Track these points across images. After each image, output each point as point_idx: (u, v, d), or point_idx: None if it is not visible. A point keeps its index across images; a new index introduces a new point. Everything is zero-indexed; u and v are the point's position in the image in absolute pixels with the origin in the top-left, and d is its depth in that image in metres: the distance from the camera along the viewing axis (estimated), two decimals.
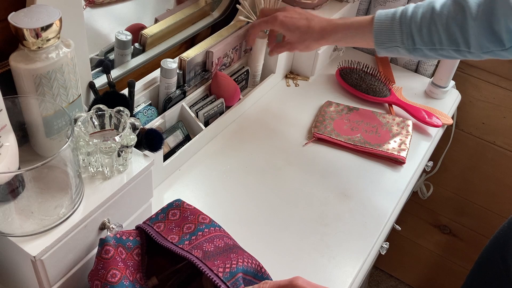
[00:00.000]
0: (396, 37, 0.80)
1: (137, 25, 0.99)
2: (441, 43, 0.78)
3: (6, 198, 0.54)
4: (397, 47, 0.81)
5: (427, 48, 0.79)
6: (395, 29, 0.80)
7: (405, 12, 0.79)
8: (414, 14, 0.78)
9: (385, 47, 0.82)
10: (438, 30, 0.77)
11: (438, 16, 0.76)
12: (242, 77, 1.06)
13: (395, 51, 0.82)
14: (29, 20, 0.54)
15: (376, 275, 1.84)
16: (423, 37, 0.78)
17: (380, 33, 0.81)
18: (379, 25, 0.81)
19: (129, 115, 0.63)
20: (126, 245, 0.59)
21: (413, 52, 0.81)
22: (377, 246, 0.83)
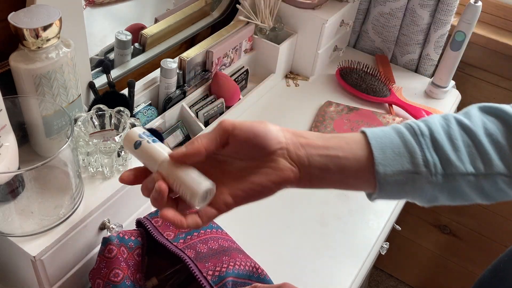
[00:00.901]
0: (414, 158, 0.48)
1: (137, 25, 0.99)
2: (485, 164, 0.49)
3: (6, 198, 0.54)
4: (415, 174, 0.48)
5: (464, 174, 0.49)
6: (410, 147, 0.48)
7: (416, 127, 0.50)
8: (431, 126, 0.50)
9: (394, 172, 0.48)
10: (478, 148, 0.49)
11: (472, 130, 0.49)
12: (242, 77, 1.06)
13: (408, 184, 0.49)
14: (29, 20, 0.54)
15: (376, 275, 1.84)
16: (459, 156, 0.48)
17: (383, 149, 0.49)
18: (378, 140, 0.49)
19: (129, 115, 0.63)
20: (128, 245, 0.60)
21: (440, 183, 0.49)
22: (377, 246, 0.83)
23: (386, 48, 1.26)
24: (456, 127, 0.50)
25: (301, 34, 1.12)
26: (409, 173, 0.48)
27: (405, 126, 0.51)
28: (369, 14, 1.25)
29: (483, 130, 0.49)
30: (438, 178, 0.48)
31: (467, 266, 1.63)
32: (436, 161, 0.48)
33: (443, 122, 0.50)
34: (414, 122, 0.50)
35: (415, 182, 0.48)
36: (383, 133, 0.50)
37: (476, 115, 0.51)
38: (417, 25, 1.18)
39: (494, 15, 1.24)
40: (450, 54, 1.12)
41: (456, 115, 0.51)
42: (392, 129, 0.50)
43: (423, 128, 0.49)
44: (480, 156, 0.49)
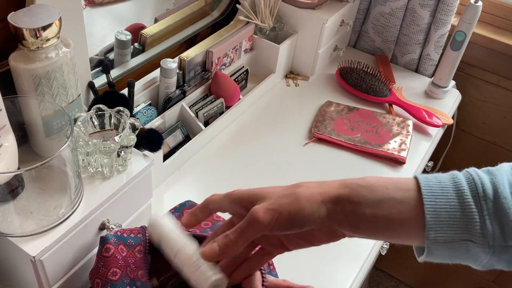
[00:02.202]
0: (469, 226, 0.43)
1: (137, 25, 0.98)
2: None
3: (5, 198, 0.54)
4: (469, 242, 0.44)
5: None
6: (468, 212, 0.43)
7: (479, 182, 0.44)
8: (498, 187, 0.44)
9: (446, 239, 0.44)
10: None
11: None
12: (242, 77, 1.06)
13: (461, 249, 0.45)
14: (28, 20, 0.54)
15: (377, 275, 1.84)
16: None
17: (436, 212, 0.44)
18: (432, 199, 0.44)
19: (129, 115, 0.63)
20: (127, 242, 0.59)
21: (498, 253, 0.44)
22: (378, 247, 0.83)
23: (386, 48, 1.26)
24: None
25: (301, 34, 1.12)
26: (463, 241, 0.44)
27: (467, 181, 0.44)
28: (369, 14, 1.24)
29: None
30: (496, 249, 0.43)
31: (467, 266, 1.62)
32: (496, 232, 0.43)
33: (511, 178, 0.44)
34: (479, 176, 0.45)
35: (469, 250, 0.44)
36: (440, 188, 0.44)
37: None
38: (417, 25, 1.18)
39: (494, 15, 1.24)
40: (450, 54, 1.12)
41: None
42: (452, 183, 0.45)
43: (487, 188, 0.44)
44: None
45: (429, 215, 0.43)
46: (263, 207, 0.46)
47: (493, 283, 1.60)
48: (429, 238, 0.44)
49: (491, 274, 1.59)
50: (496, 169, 0.45)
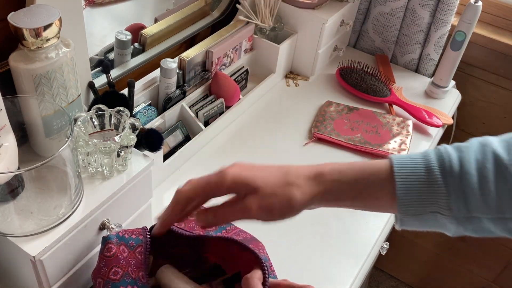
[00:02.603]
0: (436, 198, 0.48)
1: (137, 25, 0.98)
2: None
3: (5, 198, 0.54)
4: (437, 213, 0.48)
5: (490, 217, 0.48)
6: (435, 185, 0.48)
7: (447, 159, 0.48)
8: (464, 163, 0.48)
9: (415, 212, 0.49)
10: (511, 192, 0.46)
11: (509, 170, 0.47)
12: (242, 77, 1.06)
13: (430, 221, 0.49)
14: (28, 20, 0.54)
15: (377, 275, 1.84)
16: (486, 200, 0.47)
17: (407, 190, 0.48)
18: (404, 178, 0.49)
19: (129, 115, 0.63)
20: (128, 243, 0.59)
21: (463, 222, 0.48)
22: (378, 247, 0.83)
23: (386, 48, 1.26)
24: (492, 167, 0.47)
25: (301, 34, 1.12)
26: (431, 213, 0.48)
27: (436, 158, 0.49)
28: (369, 14, 1.25)
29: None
30: (461, 220, 0.47)
31: (467, 266, 1.63)
32: (460, 205, 0.47)
33: (479, 156, 0.48)
34: (448, 153, 0.48)
35: (437, 220, 0.48)
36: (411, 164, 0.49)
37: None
38: (417, 25, 1.18)
39: (494, 15, 1.24)
40: (450, 54, 1.12)
41: (496, 149, 0.48)
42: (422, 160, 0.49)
43: (454, 165, 0.47)
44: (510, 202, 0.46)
45: (399, 190, 0.48)
46: (256, 204, 0.49)
47: (493, 283, 1.60)
48: (400, 211, 0.49)
49: (491, 274, 1.59)
50: (465, 145, 0.49)
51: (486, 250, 1.54)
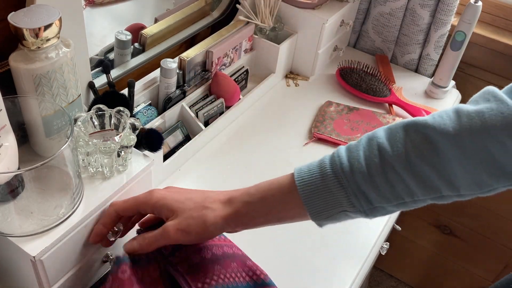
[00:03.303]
0: (339, 200, 0.51)
1: (137, 25, 0.99)
2: (412, 194, 0.50)
3: (5, 198, 0.54)
4: (345, 211, 0.52)
5: (393, 205, 0.51)
6: (334, 189, 0.51)
7: (338, 163, 0.52)
8: (353, 163, 0.51)
9: (327, 216, 0.53)
10: (402, 178, 0.50)
11: (394, 158, 0.49)
12: (242, 77, 1.06)
13: (342, 218, 0.53)
14: (28, 20, 0.54)
15: (377, 275, 1.84)
16: (382, 192, 0.50)
17: (311, 200, 0.52)
18: (306, 190, 0.52)
19: (129, 115, 0.63)
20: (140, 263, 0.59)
21: (371, 212, 0.52)
22: (377, 247, 0.83)
23: (386, 48, 1.26)
24: (379, 160, 0.50)
25: (301, 34, 1.12)
26: (341, 212, 0.52)
27: (330, 163, 0.53)
28: (369, 14, 1.25)
29: (406, 158, 0.49)
30: (368, 211, 0.52)
31: (467, 266, 1.63)
32: (362, 202, 0.51)
33: (367, 152, 0.51)
34: (339, 156, 0.52)
35: (349, 215, 0.53)
36: (309, 176, 0.53)
37: (401, 138, 0.50)
38: (417, 25, 1.18)
39: (494, 15, 1.24)
40: (450, 54, 1.12)
41: (381, 142, 0.51)
42: (318, 169, 0.53)
43: (345, 166, 0.51)
44: (405, 188, 0.50)
45: (304, 200, 0.52)
46: (174, 226, 0.55)
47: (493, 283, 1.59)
48: (312, 218, 0.54)
49: (491, 274, 1.59)
50: (354, 145, 0.53)
51: (486, 250, 1.54)
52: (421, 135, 0.49)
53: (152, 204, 0.57)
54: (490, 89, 0.50)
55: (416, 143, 0.49)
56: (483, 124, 0.47)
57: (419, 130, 0.50)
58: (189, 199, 0.56)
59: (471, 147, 0.47)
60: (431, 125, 0.49)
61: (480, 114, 0.47)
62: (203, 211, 0.55)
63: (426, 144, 0.49)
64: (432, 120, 0.49)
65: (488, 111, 0.47)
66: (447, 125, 0.48)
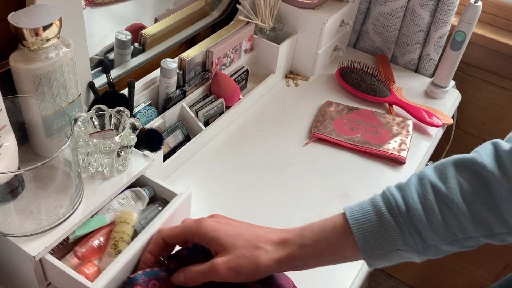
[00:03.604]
0: (393, 238, 0.52)
1: (137, 25, 0.99)
2: (465, 231, 0.51)
3: (5, 198, 0.54)
4: (398, 250, 0.53)
5: (446, 242, 0.52)
6: (388, 227, 0.52)
7: (393, 201, 0.53)
8: (408, 201, 0.52)
9: (379, 255, 0.53)
10: (455, 215, 0.51)
11: (448, 196, 0.51)
12: (242, 77, 1.06)
13: (394, 257, 0.53)
14: (29, 20, 0.54)
15: (376, 275, 1.84)
16: (437, 229, 0.51)
17: (366, 239, 0.53)
18: (361, 229, 0.53)
19: (129, 115, 0.63)
20: (160, 275, 0.58)
21: (424, 252, 0.53)
22: None
23: (386, 48, 1.26)
24: (433, 197, 0.51)
25: (301, 34, 1.12)
26: (393, 251, 0.52)
27: (383, 202, 0.53)
28: (369, 14, 1.25)
29: (460, 194, 0.51)
30: (421, 250, 0.52)
31: (467, 266, 1.63)
32: (416, 240, 0.51)
33: (420, 190, 0.52)
34: (392, 195, 0.53)
35: (401, 255, 0.53)
36: (362, 214, 0.53)
37: (452, 175, 0.52)
38: (417, 25, 1.18)
39: (494, 15, 1.24)
40: (450, 54, 1.12)
41: (432, 180, 0.52)
42: (372, 207, 0.53)
43: (400, 204, 0.52)
44: (458, 224, 0.51)
45: (359, 240, 0.52)
46: (225, 264, 0.53)
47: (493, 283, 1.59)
48: (365, 258, 0.53)
49: (491, 274, 1.59)
50: (405, 183, 0.54)
51: (486, 250, 1.54)
52: (472, 173, 0.51)
53: (202, 234, 0.55)
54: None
55: (468, 180, 0.51)
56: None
57: (469, 168, 0.52)
58: (240, 235, 0.55)
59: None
60: (481, 163, 0.51)
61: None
62: (255, 252, 0.54)
63: (477, 181, 0.51)
64: (480, 158, 0.51)
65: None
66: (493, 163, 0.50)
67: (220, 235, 0.54)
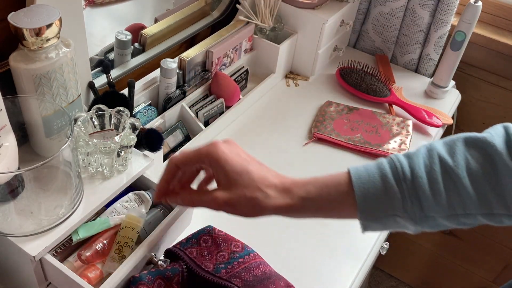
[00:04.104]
0: (393, 203, 0.52)
1: (137, 25, 0.99)
2: (465, 206, 0.52)
3: (5, 198, 0.54)
4: (395, 216, 0.53)
5: (444, 215, 0.53)
6: (390, 192, 0.52)
7: (399, 166, 0.53)
8: (414, 169, 0.53)
9: (376, 217, 0.53)
10: (458, 189, 0.51)
11: (453, 170, 0.51)
12: (242, 77, 1.06)
13: (390, 223, 0.54)
14: (29, 20, 0.54)
15: (376, 275, 1.84)
16: (437, 201, 0.52)
17: (365, 198, 0.53)
18: (363, 190, 0.53)
19: (129, 115, 0.63)
20: (165, 275, 0.58)
21: (421, 222, 0.53)
22: (377, 246, 0.83)
23: (386, 48, 1.26)
24: (439, 169, 0.52)
25: (301, 34, 1.12)
26: (390, 216, 0.53)
27: (390, 167, 0.53)
28: (369, 14, 1.25)
29: (465, 170, 0.51)
30: (418, 220, 0.52)
31: (467, 266, 1.63)
32: (416, 208, 0.52)
33: (427, 161, 0.53)
34: (399, 161, 0.53)
35: (397, 222, 0.53)
36: (367, 175, 0.53)
37: (461, 151, 0.52)
38: (417, 25, 1.18)
39: (494, 15, 1.24)
40: (450, 54, 1.12)
41: (440, 152, 0.53)
42: (377, 170, 0.53)
43: (406, 171, 0.52)
44: (459, 199, 0.51)
45: (359, 200, 0.53)
46: (224, 199, 0.54)
47: (493, 283, 1.60)
48: (362, 218, 0.54)
49: (491, 274, 1.59)
50: (414, 153, 0.54)
51: (486, 250, 1.54)
52: (480, 150, 0.52)
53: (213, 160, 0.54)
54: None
55: (476, 158, 0.52)
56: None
57: (478, 146, 0.52)
58: (247, 173, 0.54)
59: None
60: (491, 142, 0.52)
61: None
62: (257, 194, 0.54)
63: (485, 160, 0.51)
64: (491, 138, 0.52)
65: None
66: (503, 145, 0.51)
67: (228, 167, 0.54)
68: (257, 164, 0.57)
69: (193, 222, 0.71)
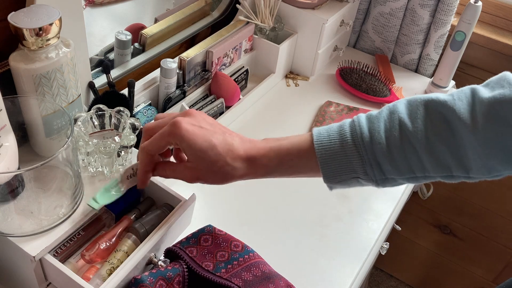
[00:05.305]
0: (354, 167, 0.54)
1: (137, 25, 0.99)
2: (424, 170, 0.53)
3: (5, 198, 0.54)
4: (357, 178, 0.54)
5: (404, 178, 0.54)
6: (351, 156, 0.53)
7: (359, 132, 0.53)
8: (374, 134, 0.53)
9: (339, 180, 0.55)
10: (417, 154, 0.52)
11: (413, 135, 0.52)
12: (242, 77, 1.06)
13: (353, 184, 0.56)
14: (29, 20, 0.54)
15: (376, 275, 1.84)
16: (397, 165, 0.53)
17: (328, 164, 0.54)
18: (324, 155, 0.54)
19: (129, 115, 0.63)
20: (166, 275, 0.58)
21: (382, 183, 0.55)
22: (377, 247, 0.83)
23: (386, 48, 1.26)
24: (398, 133, 0.52)
25: (301, 34, 1.12)
26: (353, 178, 0.55)
27: (350, 131, 0.54)
28: (369, 14, 1.25)
29: (424, 134, 0.52)
30: (379, 181, 0.54)
31: (467, 266, 1.63)
32: (376, 172, 0.53)
33: (388, 124, 0.53)
34: (360, 125, 0.54)
35: (360, 182, 0.55)
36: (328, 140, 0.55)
37: (421, 115, 0.53)
38: (417, 25, 1.18)
39: (494, 15, 1.24)
40: (450, 54, 1.12)
41: (402, 116, 0.53)
42: (338, 135, 0.55)
43: (365, 136, 0.53)
44: (419, 163, 0.52)
45: (321, 164, 0.54)
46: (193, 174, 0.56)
47: (493, 283, 1.60)
48: (325, 181, 0.56)
49: (491, 274, 1.59)
50: (375, 116, 0.54)
51: (486, 250, 1.54)
52: (440, 115, 0.52)
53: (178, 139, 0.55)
54: (506, 76, 0.53)
55: (435, 122, 0.52)
56: (497, 113, 0.49)
57: (438, 110, 0.52)
58: (212, 148, 0.55)
59: (485, 135, 0.49)
60: (451, 107, 0.51)
61: (495, 102, 0.50)
62: (224, 168, 0.56)
63: (444, 124, 0.51)
64: (452, 102, 0.52)
65: (503, 99, 0.49)
66: (465, 110, 0.51)
67: (193, 145, 0.54)
68: (220, 133, 0.57)
69: (193, 222, 0.71)
